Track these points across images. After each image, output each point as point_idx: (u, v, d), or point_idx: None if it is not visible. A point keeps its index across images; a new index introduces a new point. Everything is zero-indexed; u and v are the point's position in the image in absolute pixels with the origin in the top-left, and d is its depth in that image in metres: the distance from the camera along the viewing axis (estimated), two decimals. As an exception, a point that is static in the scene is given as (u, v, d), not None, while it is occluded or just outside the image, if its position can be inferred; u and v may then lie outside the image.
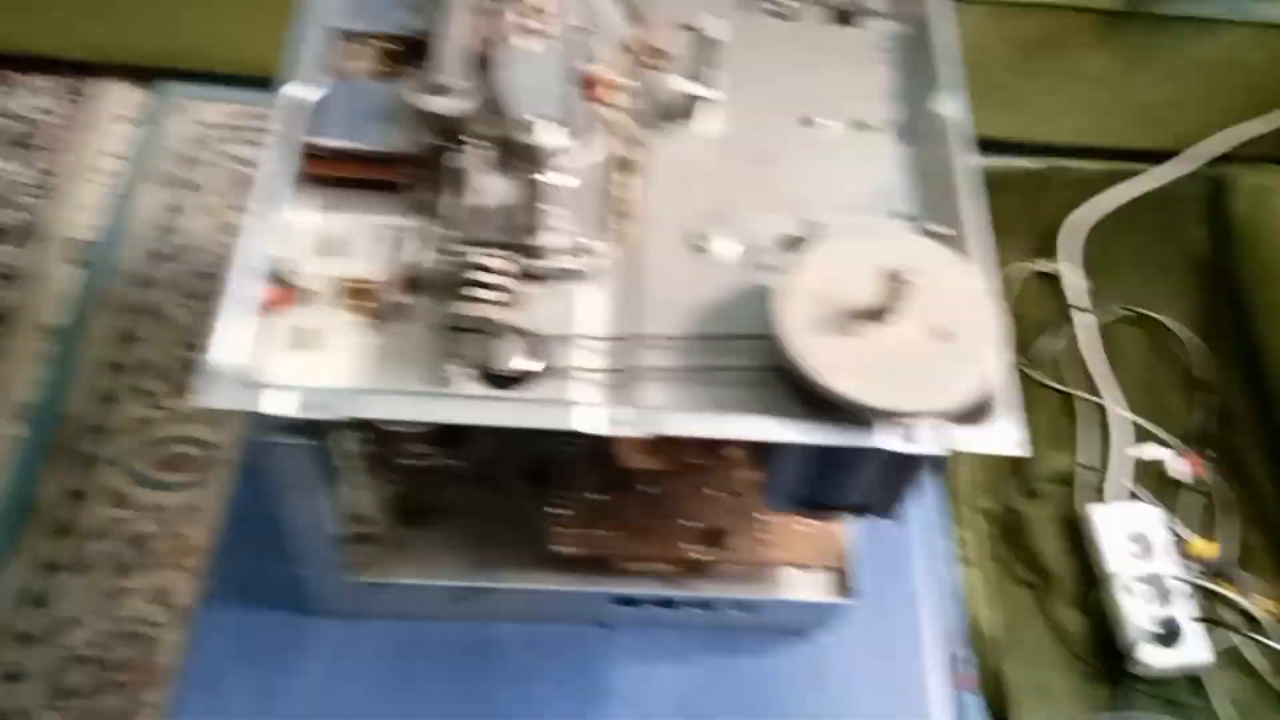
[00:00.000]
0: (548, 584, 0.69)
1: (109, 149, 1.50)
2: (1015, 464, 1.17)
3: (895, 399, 0.51)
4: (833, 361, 0.52)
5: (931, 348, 0.53)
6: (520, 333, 0.55)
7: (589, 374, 0.55)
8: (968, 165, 0.61)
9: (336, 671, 0.71)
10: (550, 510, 0.68)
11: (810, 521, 0.70)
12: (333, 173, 0.57)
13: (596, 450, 0.70)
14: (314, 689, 0.70)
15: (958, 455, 0.54)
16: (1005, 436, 0.52)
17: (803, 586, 0.71)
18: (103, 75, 1.56)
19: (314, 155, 0.56)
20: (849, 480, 0.59)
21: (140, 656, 1.16)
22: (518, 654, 0.73)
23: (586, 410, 0.51)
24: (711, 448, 0.64)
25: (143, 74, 1.54)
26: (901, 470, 0.57)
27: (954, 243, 0.58)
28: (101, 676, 1.14)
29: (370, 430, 0.61)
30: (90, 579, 1.20)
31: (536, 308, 0.56)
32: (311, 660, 0.71)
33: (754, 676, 0.73)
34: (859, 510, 0.62)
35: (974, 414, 0.54)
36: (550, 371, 0.54)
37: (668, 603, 0.71)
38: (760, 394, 0.54)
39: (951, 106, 0.63)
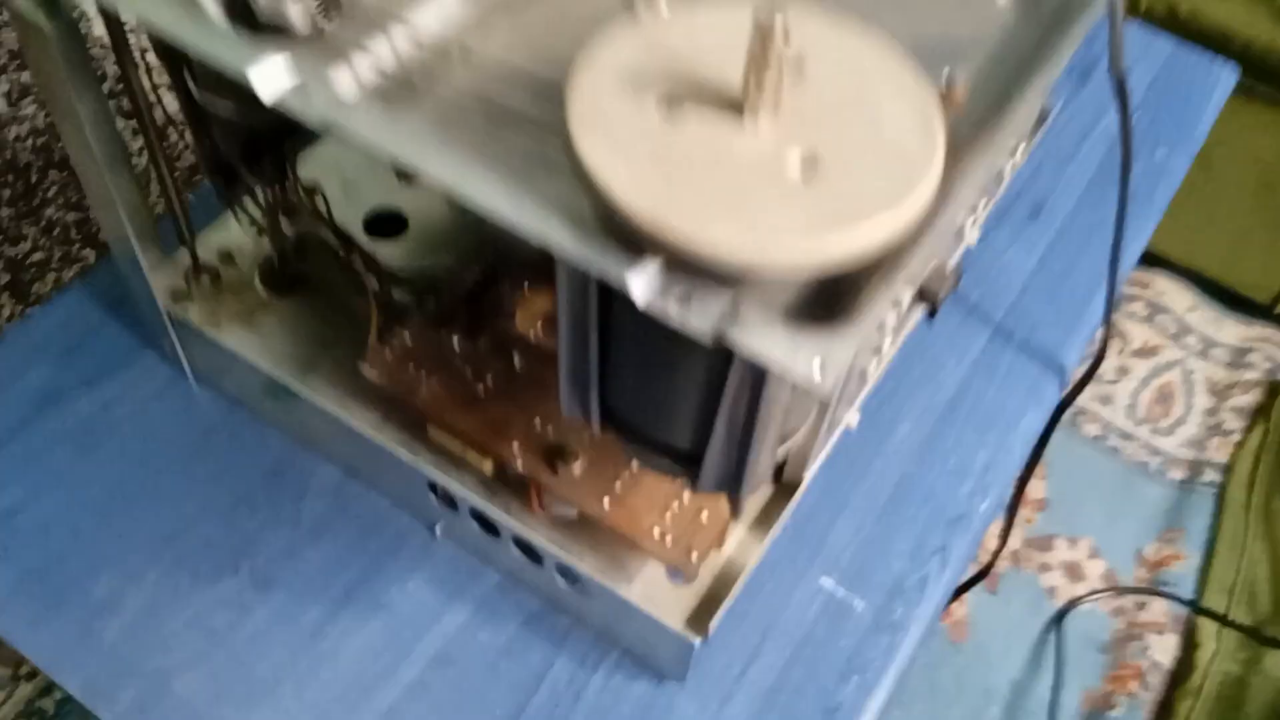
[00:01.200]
0: (352, 417, 0.53)
1: None
2: None
3: (688, 224, 0.30)
4: (625, 140, 0.31)
5: (792, 175, 0.31)
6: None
7: (369, 61, 0.38)
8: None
9: (131, 407, 0.59)
10: (390, 328, 0.52)
11: (700, 501, 0.48)
12: None
13: (489, 301, 0.53)
14: (102, 410, 0.58)
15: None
16: (809, 355, 0.29)
17: (644, 586, 0.49)
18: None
19: None
20: (653, 380, 0.37)
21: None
22: (316, 500, 0.57)
23: (273, 68, 0.35)
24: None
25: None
26: (741, 394, 0.35)
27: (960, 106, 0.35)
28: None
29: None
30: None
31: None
32: (117, 383, 0.60)
33: (540, 689, 0.52)
34: (680, 461, 0.40)
35: (812, 304, 0.32)
36: (323, 38, 0.39)
37: (490, 528, 0.52)
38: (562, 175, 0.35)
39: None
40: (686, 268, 0.31)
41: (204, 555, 0.55)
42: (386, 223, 0.60)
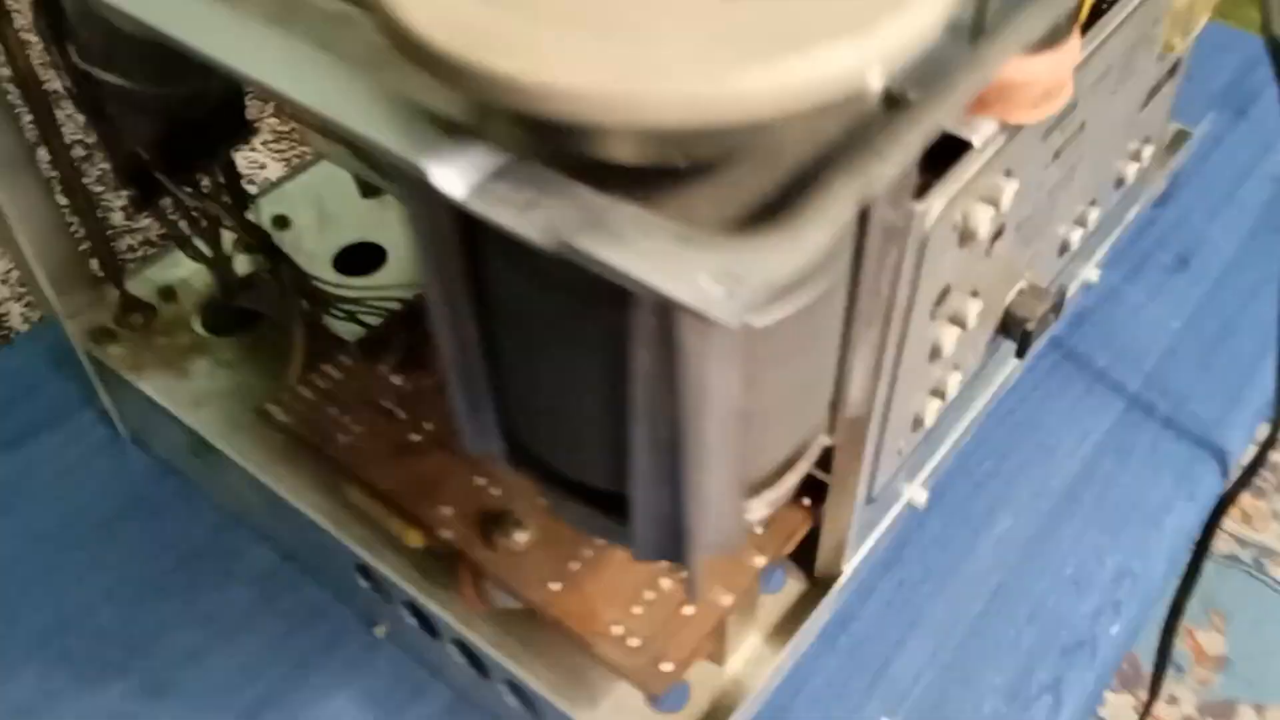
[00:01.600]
0: (271, 477, 0.42)
1: None
2: None
3: (517, 59, 0.18)
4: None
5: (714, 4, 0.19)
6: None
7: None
8: None
9: (53, 472, 0.49)
10: (310, 367, 0.41)
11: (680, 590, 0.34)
12: None
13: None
14: (18, 475, 0.49)
15: None
16: (708, 272, 0.17)
17: (614, 710, 0.35)
18: None
19: None
20: (546, 376, 0.25)
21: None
22: (241, 588, 0.45)
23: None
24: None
25: None
26: (657, 378, 0.22)
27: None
28: None
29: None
30: None
31: None
32: (43, 445, 0.50)
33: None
34: (610, 511, 0.27)
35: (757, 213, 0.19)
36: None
37: (429, 625, 0.39)
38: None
39: None
40: (545, 154, 0.19)
41: (93, 651, 0.44)
42: (365, 259, 0.51)
